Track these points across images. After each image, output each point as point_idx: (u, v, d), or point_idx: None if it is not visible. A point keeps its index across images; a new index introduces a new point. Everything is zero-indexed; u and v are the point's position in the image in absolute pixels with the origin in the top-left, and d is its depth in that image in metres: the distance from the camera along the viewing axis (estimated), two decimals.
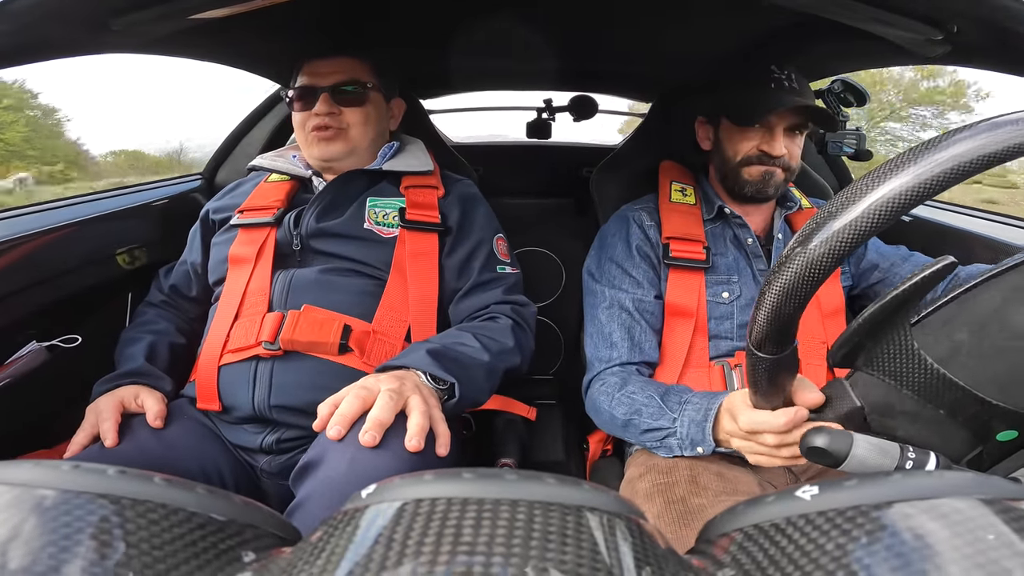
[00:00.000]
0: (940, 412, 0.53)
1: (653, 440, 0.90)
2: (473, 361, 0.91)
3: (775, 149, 1.00)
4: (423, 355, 0.85)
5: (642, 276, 1.05)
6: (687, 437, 0.85)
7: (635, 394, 0.93)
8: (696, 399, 0.86)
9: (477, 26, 1.23)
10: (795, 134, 1.02)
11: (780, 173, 1.03)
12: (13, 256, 0.96)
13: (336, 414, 0.74)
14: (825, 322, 1.05)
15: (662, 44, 1.34)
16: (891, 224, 0.43)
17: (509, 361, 0.97)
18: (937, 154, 0.42)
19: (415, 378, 0.82)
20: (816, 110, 0.99)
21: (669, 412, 0.87)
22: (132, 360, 0.98)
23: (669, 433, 0.87)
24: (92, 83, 40.12)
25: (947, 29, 0.75)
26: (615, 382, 0.97)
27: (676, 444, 0.87)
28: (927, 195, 0.42)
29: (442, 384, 0.85)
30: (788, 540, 0.26)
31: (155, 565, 0.25)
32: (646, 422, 0.89)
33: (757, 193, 1.04)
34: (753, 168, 1.03)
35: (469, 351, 0.92)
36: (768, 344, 0.54)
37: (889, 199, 0.43)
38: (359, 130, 1.09)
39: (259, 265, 1.01)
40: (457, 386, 0.85)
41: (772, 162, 1.01)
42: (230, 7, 0.77)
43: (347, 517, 0.26)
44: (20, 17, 0.62)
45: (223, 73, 3.15)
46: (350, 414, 0.74)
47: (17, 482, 0.26)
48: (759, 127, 1.01)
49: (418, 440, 0.73)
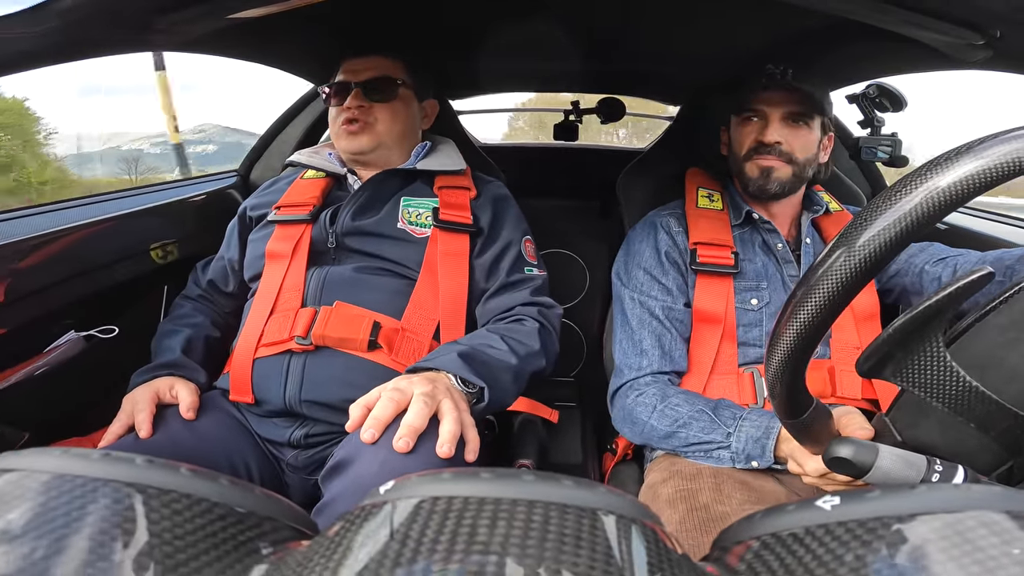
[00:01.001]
0: (970, 425, 0.51)
1: (697, 451, 0.92)
2: (501, 364, 0.91)
3: (768, 136, 1.02)
4: (454, 358, 0.85)
5: (671, 283, 1.05)
6: (742, 452, 0.87)
7: (679, 407, 0.93)
8: (755, 416, 0.88)
9: (506, 28, 1.23)
10: (797, 125, 1.03)
11: (782, 167, 1.02)
12: (54, 248, 0.99)
13: (370, 417, 0.74)
14: (859, 327, 1.03)
15: (692, 46, 1.33)
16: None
17: (535, 364, 0.98)
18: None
19: (446, 381, 0.82)
20: (807, 96, 1.01)
21: (723, 427, 0.89)
22: (169, 352, 1.01)
23: (721, 447, 0.89)
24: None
25: (989, 34, 0.73)
26: (655, 393, 0.97)
27: (729, 457, 0.88)
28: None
29: (471, 388, 0.85)
30: (806, 550, 0.26)
31: (176, 555, 0.25)
32: (696, 435, 0.90)
33: (759, 191, 1.04)
34: (752, 163, 1.04)
35: (497, 354, 0.92)
36: (788, 414, 0.55)
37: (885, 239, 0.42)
38: (386, 125, 1.10)
39: (294, 261, 1.03)
40: (486, 390, 0.85)
41: (768, 151, 1.02)
42: (267, 7, 0.79)
43: (365, 512, 0.27)
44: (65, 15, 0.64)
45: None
46: (384, 418, 0.74)
47: (48, 469, 0.27)
48: (756, 119, 1.04)
49: (450, 447, 0.73)
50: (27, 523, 0.25)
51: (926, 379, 0.51)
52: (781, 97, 1.02)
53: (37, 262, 0.96)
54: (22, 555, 0.23)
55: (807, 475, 0.79)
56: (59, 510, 0.25)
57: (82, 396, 1.06)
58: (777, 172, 1.02)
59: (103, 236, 1.11)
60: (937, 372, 0.51)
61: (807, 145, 1.04)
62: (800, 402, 0.54)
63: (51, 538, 0.24)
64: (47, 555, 0.24)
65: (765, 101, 1.03)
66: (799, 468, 0.80)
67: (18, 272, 0.93)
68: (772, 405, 0.56)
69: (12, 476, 0.27)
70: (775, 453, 0.84)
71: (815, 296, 0.45)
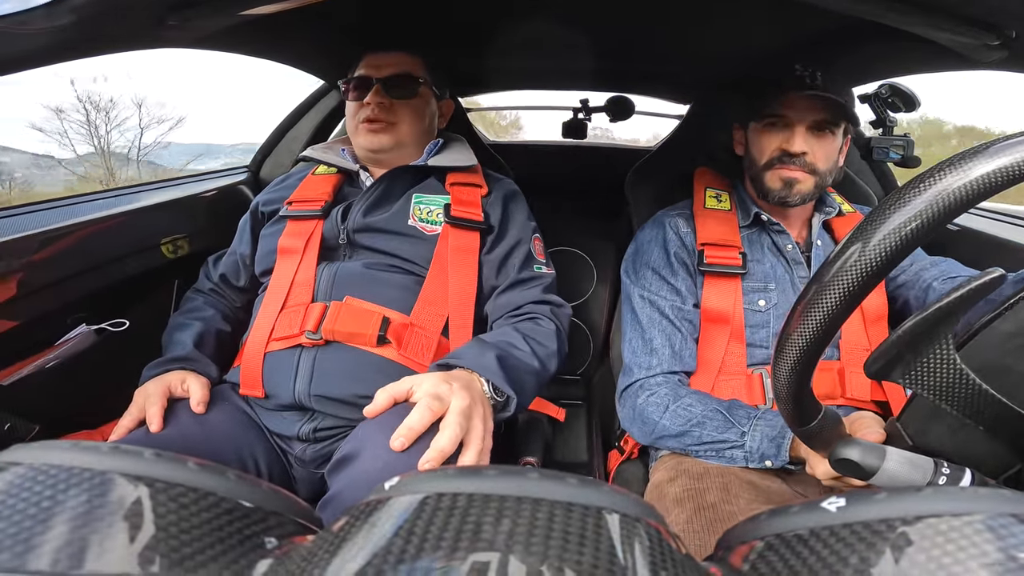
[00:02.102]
0: (979, 428, 0.51)
1: (709, 451, 0.91)
2: (527, 368, 0.91)
3: (794, 145, 0.97)
4: (492, 361, 0.84)
5: (680, 284, 1.05)
6: (757, 451, 0.87)
7: (692, 407, 0.93)
8: (770, 416, 0.88)
9: (516, 25, 1.23)
10: (823, 134, 0.98)
11: (806, 178, 0.99)
12: (66, 243, 1.01)
13: (405, 426, 0.71)
14: (868, 329, 1.02)
15: (704, 44, 1.33)
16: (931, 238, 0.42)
17: (552, 367, 0.98)
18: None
19: (480, 389, 0.81)
20: (836, 104, 0.95)
21: (737, 426, 0.89)
22: (181, 346, 1.02)
23: (735, 446, 0.89)
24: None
25: (1005, 34, 0.72)
26: (667, 393, 0.97)
27: (742, 456, 0.88)
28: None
29: (500, 395, 0.84)
30: (810, 551, 0.26)
31: (181, 548, 0.25)
32: (709, 434, 0.90)
33: (780, 202, 1.01)
34: (774, 172, 1.00)
35: (523, 356, 0.92)
36: (796, 422, 0.55)
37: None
38: (407, 124, 1.11)
39: (305, 257, 1.03)
40: (513, 401, 0.84)
41: (793, 161, 0.98)
42: (278, 4, 0.79)
43: (369, 508, 0.27)
44: (80, 11, 0.64)
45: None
46: (419, 428, 0.71)
47: (58, 462, 0.27)
48: (782, 127, 0.99)
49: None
50: (36, 515, 0.25)
51: (935, 381, 0.51)
52: (808, 103, 0.95)
53: (49, 256, 0.97)
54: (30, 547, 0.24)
55: (820, 476, 0.79)
56: (67, 503, 0.25)
57: (92, 389, 1.07)
58: (800, 184, 0.99)
59: (114, 231, 1.12)
60: (946, 375, 0.50)
61: (831, 154, 1.00)
62: (808, 410, 0.53)
63: (59, 530, 0.24)
64: (55, 547, 0.24)
65: (791, 107, 0.97)
66: (812, 470, 0.79)
67: (31, 266, 0.94)
68: (784, 416, 0.55)
69: (22, 469, 0.27)
70: (790, 452, 0.84)
71: (829, 294, 0.44)
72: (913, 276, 1.07)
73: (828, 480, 0.77)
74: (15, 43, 0.65)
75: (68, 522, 0.25)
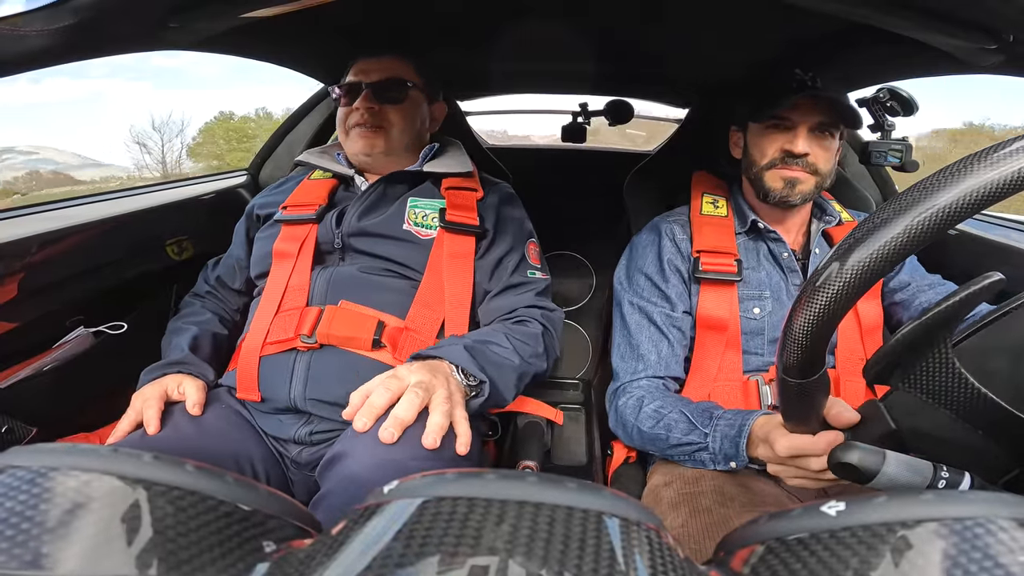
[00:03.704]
0: (978, 432, 0.51)
1: (682, 454, 0.91)
2: (506, 362, 0.92)
3: (797, 146, 0.98)
4: (460, 349, 0.87)
5: (672, 292, 1.04)
6: (720, 452, 0.85)
7: (662, 409, 0.93)
8: (729, 415, 0.86)
9: (515, 28, 1.23)
10: (824, 136, 0.99)
11: (807, 179, 0.99)
12: (67, 244, 1.00)
13: (365, 405, 0.76)
14: (864, 339, 1.02)
15: (702, 48, 1.33)
16: (936, 239, 0.42)
17: (537, 366, 1.00)
18: (988, 170, 0.40)
19: (446, 370, 0.84)
20: (840, 105, 0.96)
21: (699, 428, 0.87)
22: (178, 350, 1.02)
23: (700, 447, 0.87)
24: None
25: (1002, 38, 0.72)
26: (640, 396, 0.97)
27: (708, 458, 0.87)
28: (975, 209, 0.41)
29: (472, 381, 0.86)
30: (811, 555, 0.26)
31: (179, 552, 0.25)
32: (676, 437, 0.89)
33: (781, 202, 1.01)
34: (776, 172, 1.00)
35: (502, 351, 0.94)
36: (798, 369, 0.53)
37: (935, 212, 0.41)
38: (398, 128, 1.11)
39: (300, 261, 1.04)
40: (487, 385, 0.86)
41: (795, 162, 0.98)
42: (279, 6, 0.79)
43: (368, 512, 0.27)
44: (81, 12, 0.64)
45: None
46: (379, 405, 0.75)
47: (55, 465, 0.27)
48: (783, 128, 0.99)
49: (434, 438, 0.74)
50: (33, 518, 0.25)
51: (934, 385, 0.51)
52: (810, 106, 0.97)
53: (48, 258, 0.97)
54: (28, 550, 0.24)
55: (770, 460, 0.75)
56: (65, 506, 0.25)
57: (89, 392, 1.07)
58: (801, 184, 0.99)
59: (116, 232, 1.12)
60: (945, 378, 0.50)
61: (830, 156, 1.01)
62: (818, 358, 0.51)
63: (56, 533, 0.24)
64: (52, 550, 0.24)
65: (794, 109, 0.98)
66: (770, 452, 0.73)
67: (30, 268, 0.94)
68: (782, 360, 0.53)
69: (20, 471, 0.27)
70: (749, 452, 0.81)
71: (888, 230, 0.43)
72: (909, 296, 1.07)
73: (776, 467, 0.74)
74: (16, 44, 0.65)
75: (65, 525, 0.25)
